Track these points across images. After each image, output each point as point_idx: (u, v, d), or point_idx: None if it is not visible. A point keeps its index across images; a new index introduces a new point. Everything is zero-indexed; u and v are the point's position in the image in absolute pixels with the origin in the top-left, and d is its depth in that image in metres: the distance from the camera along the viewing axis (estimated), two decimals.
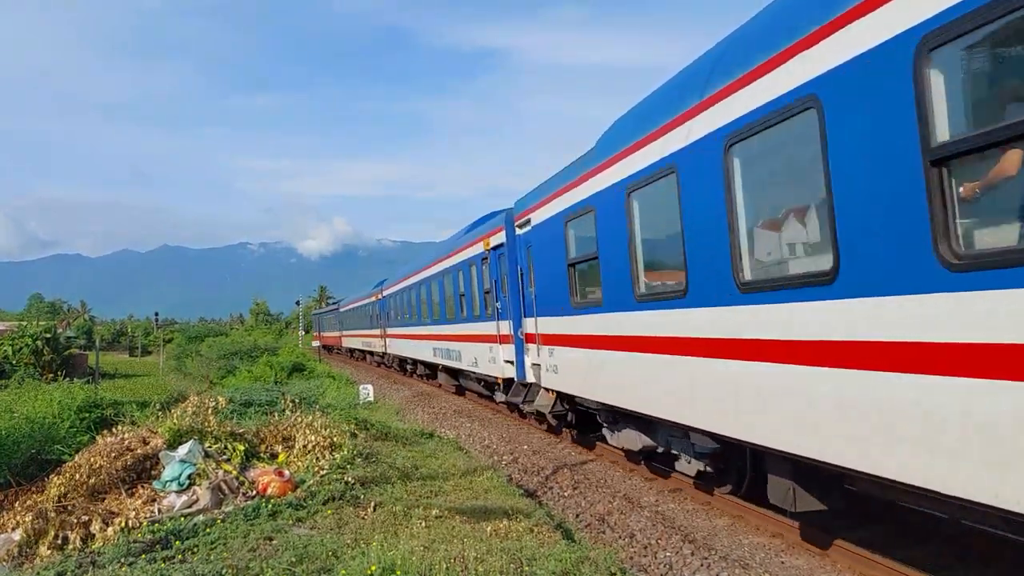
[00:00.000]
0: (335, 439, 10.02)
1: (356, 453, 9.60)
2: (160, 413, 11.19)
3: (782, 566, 6.64)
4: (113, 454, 8.82)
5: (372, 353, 40.69)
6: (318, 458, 9.37)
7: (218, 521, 6.89)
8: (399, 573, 5.12)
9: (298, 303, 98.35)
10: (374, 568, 5.17)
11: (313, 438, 9.89)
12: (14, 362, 32.93)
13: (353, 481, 8.16)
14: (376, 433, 12.06)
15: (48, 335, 35.41)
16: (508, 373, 14.75)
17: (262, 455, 9.67)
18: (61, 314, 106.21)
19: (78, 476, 8.37)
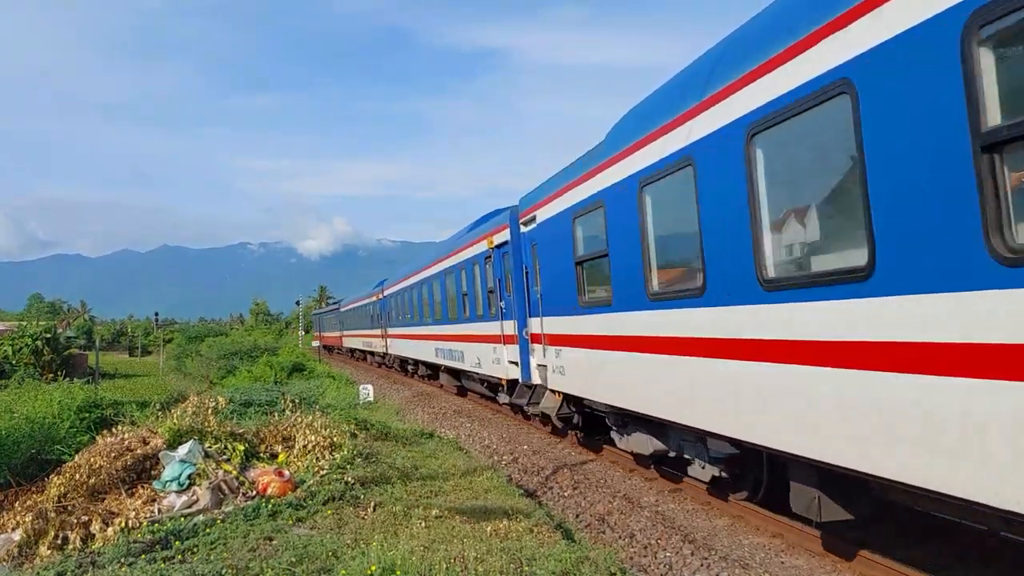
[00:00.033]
0: (335, 439, 10.02)
1: (356, 453, 9.60)
2: (160, 413, 11.21)
3: (782, 566, 6.64)
4: (113, 454, 8.82)
5: (373, 353, 40.54)
6: (318, 458, 9.37)
7: (218, 521, 6.89)
8: (399, 573, 5.13)
9: (298, 303, 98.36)
10: (374, 568, 5.17)
11: (313, 438, 9.89)
12: (14, 362, 32.94)
13: (353, 481, 8.16)
14: (376, 433, 12.05)
15: (48, 335, 35.43)
16: (512, 374, 14.42)
17: (262, 455, 9.67)
18: (61, 314, 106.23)
19: (78, 476, 8.37)
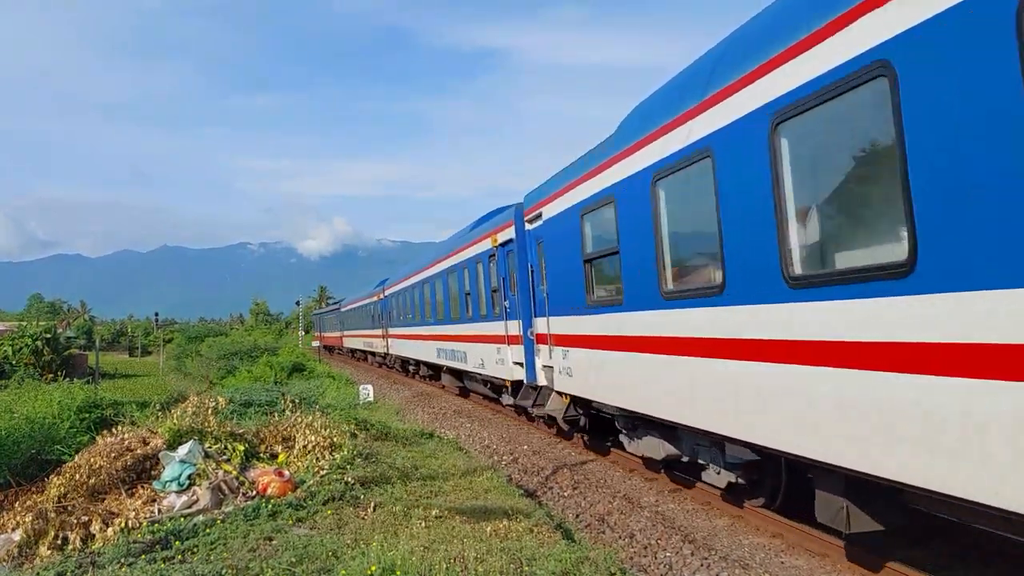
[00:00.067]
0: (335, 439, 10.02)
1: (356, 453, 9.60)
2: (160, 413, 11.21)
3: (782, 566, 6.64)
4: (113, 454, 8.82)
5: (374, 353, 40.47)
6: (318, 458, 9.37)
7: (218, 521, 6.89)
8: (399, 573, 5.13)
9: (298, 303, 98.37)
10: (374, 568, 5.18)
11: (313, 438, 9.89)
12: (14, 362, 32.93)
13: (353, 481, 8.16)
14: (376, 433, 12.05)
15: (48, 335, 35.44)
16: (517, 375, 14.10)
17: (262, 455, 9.67)
18: (61, 314, 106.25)
19: (78, 476, 8.38)
